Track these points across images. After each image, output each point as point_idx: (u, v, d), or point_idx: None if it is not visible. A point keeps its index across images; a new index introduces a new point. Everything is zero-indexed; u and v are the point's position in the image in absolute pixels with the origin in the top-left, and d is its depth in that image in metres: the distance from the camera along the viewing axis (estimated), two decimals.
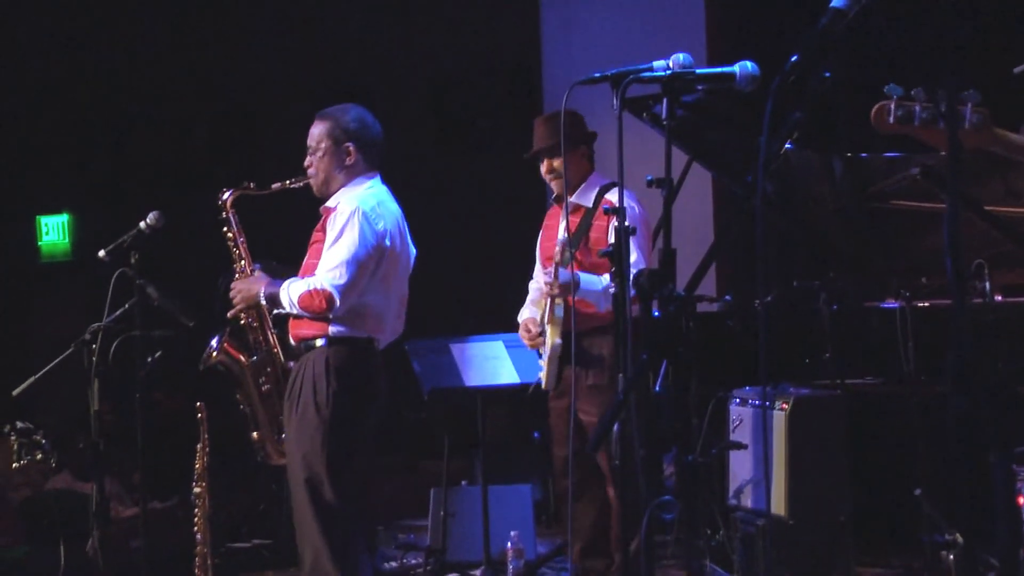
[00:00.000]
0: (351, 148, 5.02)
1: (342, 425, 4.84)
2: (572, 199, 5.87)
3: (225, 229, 5.28)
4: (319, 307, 4.82)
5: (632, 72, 3.42)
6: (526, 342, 5.94)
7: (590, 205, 5.75)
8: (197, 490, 5.55)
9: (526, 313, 6.01)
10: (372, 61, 9.96)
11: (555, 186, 5.93)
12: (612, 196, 5.69)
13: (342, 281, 4.80)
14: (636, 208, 5.65)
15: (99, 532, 5.72)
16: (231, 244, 5.27)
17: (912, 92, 2.93)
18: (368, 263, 4.86)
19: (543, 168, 5.93)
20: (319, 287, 4.81)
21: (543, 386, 5.86)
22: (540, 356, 5.85)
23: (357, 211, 4.87)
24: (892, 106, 2.93)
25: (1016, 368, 5.37)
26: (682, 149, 6.02)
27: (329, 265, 4.83)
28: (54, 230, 10.29)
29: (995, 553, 2.55)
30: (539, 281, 5.99)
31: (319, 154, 5.05)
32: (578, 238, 5.73)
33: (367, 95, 9.59)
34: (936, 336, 5.87)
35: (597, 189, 5.81)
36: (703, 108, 5.91)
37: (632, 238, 5.56)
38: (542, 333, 5.76)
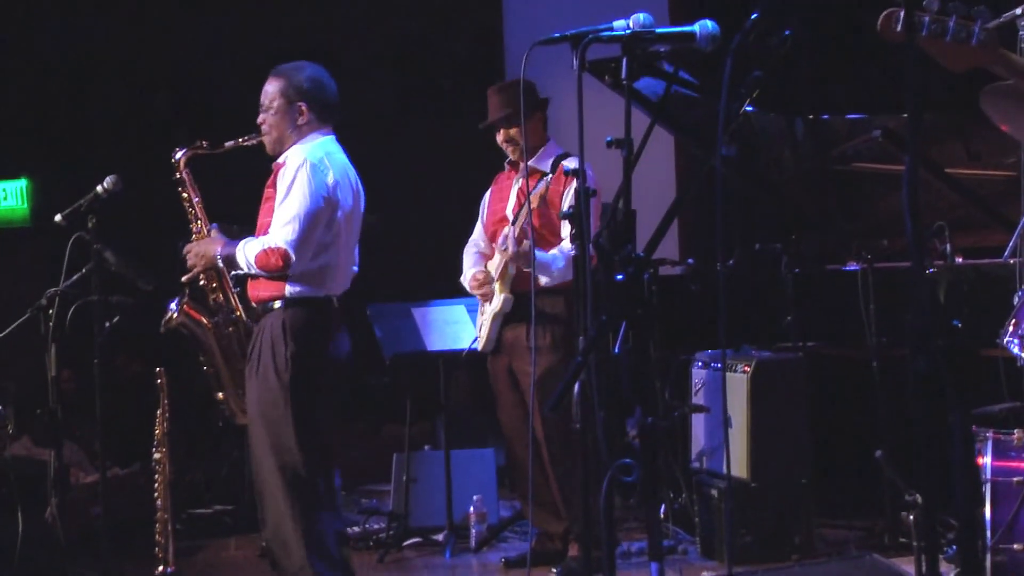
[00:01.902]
0: (303, 107, 4.97)
1: (304, 387, 4.80)
2: (531, 163, 5.89)
3: (180, 189, 5.23)
4: (276, 265, 4.77)
5: (592, 32, 3.38)
6: (475, 290, 5.93)
7: (547, 170, 5.77)
8: (157, 456, 5.51)
9: (468, 275, 6.02)
10: (335, 23, 9.88)
11: (512, 154, 5.96)
12: (572, 163, 5.71)
13: (295, 237, 4.75)
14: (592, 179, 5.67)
15: (57, 499, 5.68)
16: (186, 205, 5.23)
17: (924, 2, 2.87)
18: (320, 216, 4.82)
19: (500, 137, 5.97)
20: (274, 245, 4.76)
21: (480, 348, 5.89)
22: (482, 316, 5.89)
23: (304, 164, 4.83)
24: (901, 14, 2.84)
25: (976, 330, 5.39)
26: (643, 111, 5.98)
27: (282, 221, 4.78)
28: (12, 195, 10.18)
29: (954, 513, 2.56)
30: (479, 245, 6.05)
31: (272, 112, 5.00)
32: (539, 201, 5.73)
33: (329, 57, 9.52)
34: (897, 299, 5.88)
35: (553, 157, 5.84)
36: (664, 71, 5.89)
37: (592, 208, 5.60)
38: (491, 283, 5.81)
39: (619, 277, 3.12)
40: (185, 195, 5.22)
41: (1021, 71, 3.04)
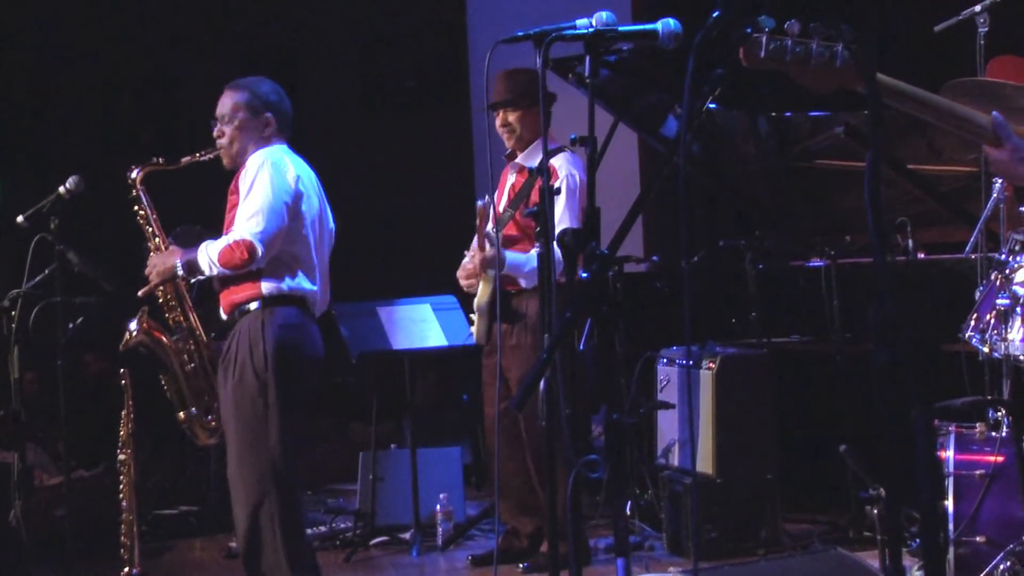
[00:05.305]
0: (270, 119, 4.94)
1: (283, 385, 4.76)
2: (520, 159, 5.89)
3: (136, 207, 5.17)
4: (241, 259, 4.72)
5: (555, 30, 3.39)
6: (461, 279, 5.91)
7: (535, 167, 5.77)
8: (122, 457, 5.49)
9: (467, 258, 6.02)
10: (298, 21, 9.87)
11: (507, 142, 5.94)
12: (557, 161, 5.72)
13: (260, 228, 4.71)
14: (578, 175, 5.67)
15: (21, 502, 5.65)
16: (143, 222, 5.16)
17: (785, 25, 2.80)
18: (285, 210, 4.77)
19: (498, 121, 5.93)
20: (239, 238, 4.71)
21: (475, 340, 5.88)
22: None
23: (265, 163, 4.80)
24: (764, 40, 2.78)
25: (938, 325, 5.43)
26: (606, 109, 6.00)
27: (246, 215, 4.74)
28: None
29: (917, 507, 2.57)
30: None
31: (234, 124, 4.93)
32: (519, 199, 5.73)
33: (293, 56, 9.52)
34: (860, 294, 5.92)
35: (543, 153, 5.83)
36: (627, 67, 5.91)
37: (568, 203, 5.60)
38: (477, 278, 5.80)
39: (584, 275, 3.12)
40: (142, 212, 5.16)
41: (888, 90, 3.01)
